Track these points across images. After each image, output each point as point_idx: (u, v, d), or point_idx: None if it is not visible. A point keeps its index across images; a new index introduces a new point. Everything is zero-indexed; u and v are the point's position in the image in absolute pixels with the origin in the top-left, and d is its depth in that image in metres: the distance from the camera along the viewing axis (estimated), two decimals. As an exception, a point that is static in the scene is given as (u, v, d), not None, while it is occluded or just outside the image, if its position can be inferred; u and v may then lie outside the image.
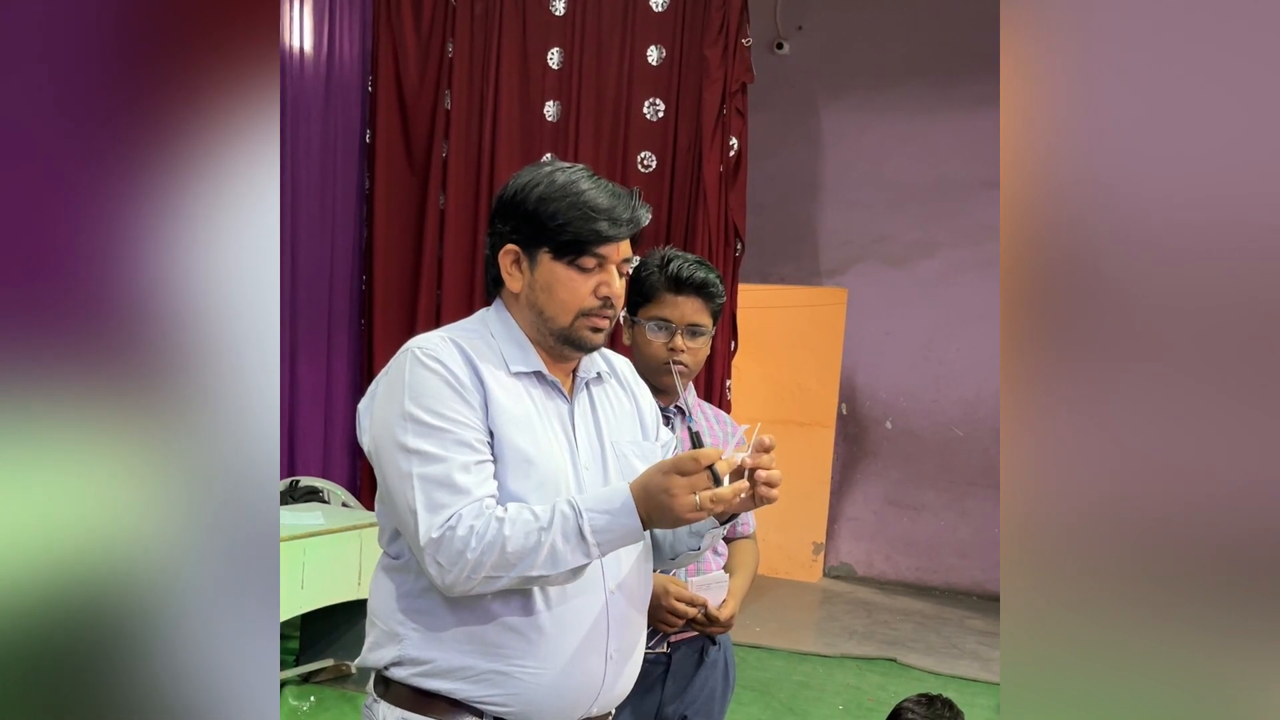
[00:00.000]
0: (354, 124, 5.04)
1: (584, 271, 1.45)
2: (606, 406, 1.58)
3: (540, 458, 1.43)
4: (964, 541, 6.00)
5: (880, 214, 6.04)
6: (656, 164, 4.90)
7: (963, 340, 5.91)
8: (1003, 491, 0.98)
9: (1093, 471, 0.93)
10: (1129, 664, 0.92)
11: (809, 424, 5.99)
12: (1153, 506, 0.91)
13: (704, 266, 1.97)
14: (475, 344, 1.46)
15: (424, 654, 1.42)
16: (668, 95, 4.87)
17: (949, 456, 6.02)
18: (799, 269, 6.21)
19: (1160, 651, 0.91)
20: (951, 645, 4.98)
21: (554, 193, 1.44)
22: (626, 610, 1.49)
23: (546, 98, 5.00)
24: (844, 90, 6.07)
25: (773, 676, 4.41)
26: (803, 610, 5.53)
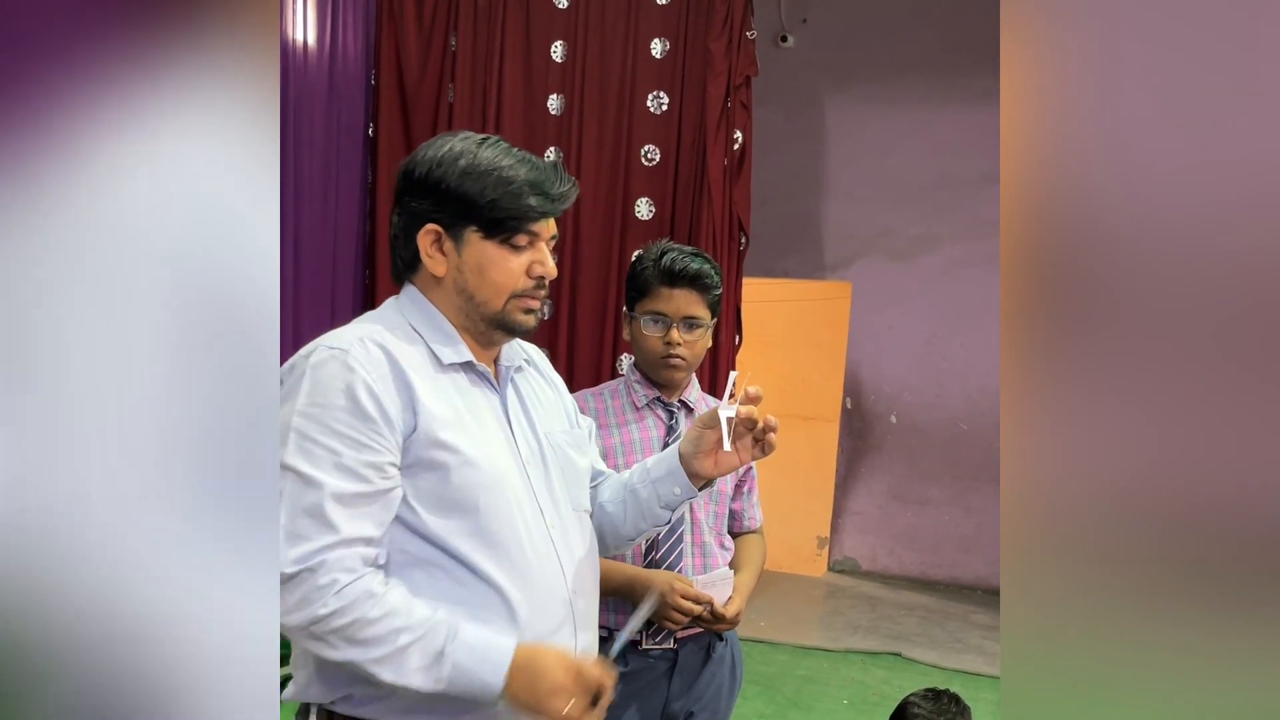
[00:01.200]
0: (357, 118, 5.02)
1: (516, 250, 1.37)
2: (533, 397, 1.50)
3: (482, 458, 1.33)
4: (968, 536, 5.99)
5: (884, 208, 6.03)
6: (660, 157, 4.89)
7: (967, 335, 5.90)
8: (1002, 484, 0.97)
9: (1093, 463, 0.92)
10: (1130, 655, 0.91)
11: (813, 418, 5.98)
12: (1153, 498, 0.90)
13: (699, 258, 1.95)
14: (397, 341, 1.34)
15: (384, 686, 1.27)
16: (672, 88, 4.85)
17: (953, 451, 6.01)
18: (803, 263, 6.20)
19: (1162, 642, 0.90)
20: (956, 640, 4.97)
21: (479, 167, 1.34)
22: (586, 612, 1.44)
23: (550, 91, 4.98)
24: (848, 84, 6.05)
25: (777, 671, 4.41)
26: (807, 604, 5.52)
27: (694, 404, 2.03)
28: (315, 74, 4.65)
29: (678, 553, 1.94)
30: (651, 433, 1.98)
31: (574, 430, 1.55)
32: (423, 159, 1.37)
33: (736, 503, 2.09)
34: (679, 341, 1.93)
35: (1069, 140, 0.93)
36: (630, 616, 1.72)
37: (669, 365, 1.94)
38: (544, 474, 1.43)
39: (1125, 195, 0.91)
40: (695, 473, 1.49)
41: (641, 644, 1.92)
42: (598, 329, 5.02)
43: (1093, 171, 0.92)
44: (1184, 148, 0.89)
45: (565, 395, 1.61)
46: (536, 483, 1.41)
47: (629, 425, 1.98)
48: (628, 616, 1.88)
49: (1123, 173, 0.91)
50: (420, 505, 1.31)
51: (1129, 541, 0.91)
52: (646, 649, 1.93)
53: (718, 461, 1.47)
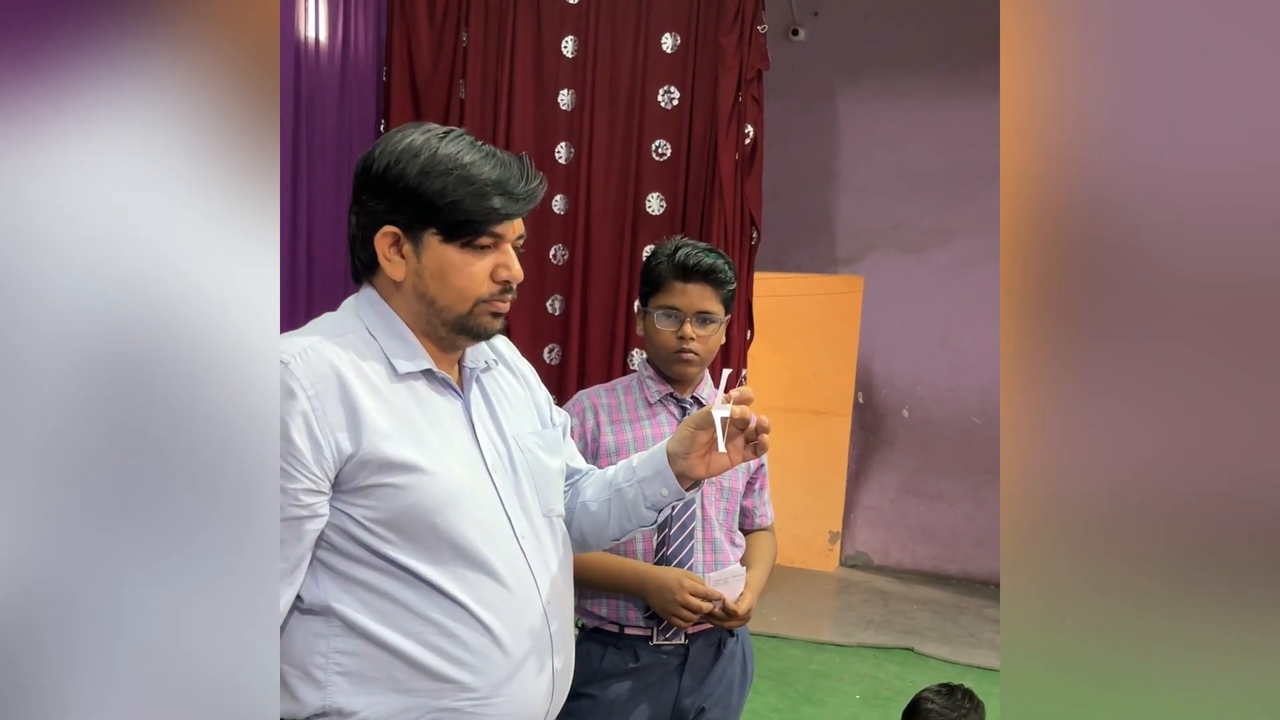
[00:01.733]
0: (369, 115, 5.03)
1: (479, 253, 1.29)
2: (501, 397, 1.43)
3: (441, 472, 1.27)
4: (981, 530, 5.97)
5: (896, 201, 6.01)
6: (671, 152, 4.88)
7: (979, 328, 5.88)
8: (1002, 477, 0.97)
9: (1092, 456, 0.92)
10: (1131, 649, 0.91)
11: (825, 412, 5.97)
12: (1154, 490, 0.90)
13: (713, 253, 1.94)
14: (347, 351, 1.25)
15: (350, 702, 1.25)
16: (683, 83, 4.85)
17: (966, 445, 5.99)
18: (814, 257, 6.18)
19: (1164, 635, 0.90)
20: (969, 635, 4.96)
21: (437, 165, 1.25)
22: (561, 620, 1.40)
23: (561, 86, 4.98)
24: (860, 77, 6.03)
25: (789, 666, 4.41)
26: (819, 599, 5.52)
27: (706, 400, 2.03)
28: (327, 71, 4.66)
29: (688, 549, 1.94)
30: (664, 428, 1.97)
31: (546, 430, 1.49)
32: (380, 153, 1.28)
33: (748, 500, 2.09)
34: (692, 336, 1.93)
35: (1069, 127, 0.93)
36: None
37: (682, 360, 1.94)
38: (513, 480, 1.37)
39: (1125, 185, 0.91)
40: (684, 473, 1.43)
41: (653, 640, 1.93)
42: (609, 324, 5.03)
43: (1092, 161, 0.92)
44: (1186, 134, 0.88)
45: (538, 390, 1.54)
46: (504, 490, 1.35)
47: (641, 422, 1.98)
48: (632, 610, 1.89)
49: (1123, 161, 0.91)
50: (378, 526, 1.25)
51: (1130, 534, 0.90)
52: (657, 645, 1.93)
53: (710, 463, 1.43)
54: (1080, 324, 0.92)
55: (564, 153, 5.01)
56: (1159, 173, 0.89)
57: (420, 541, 1.27)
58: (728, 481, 1.99)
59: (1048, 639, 0.94)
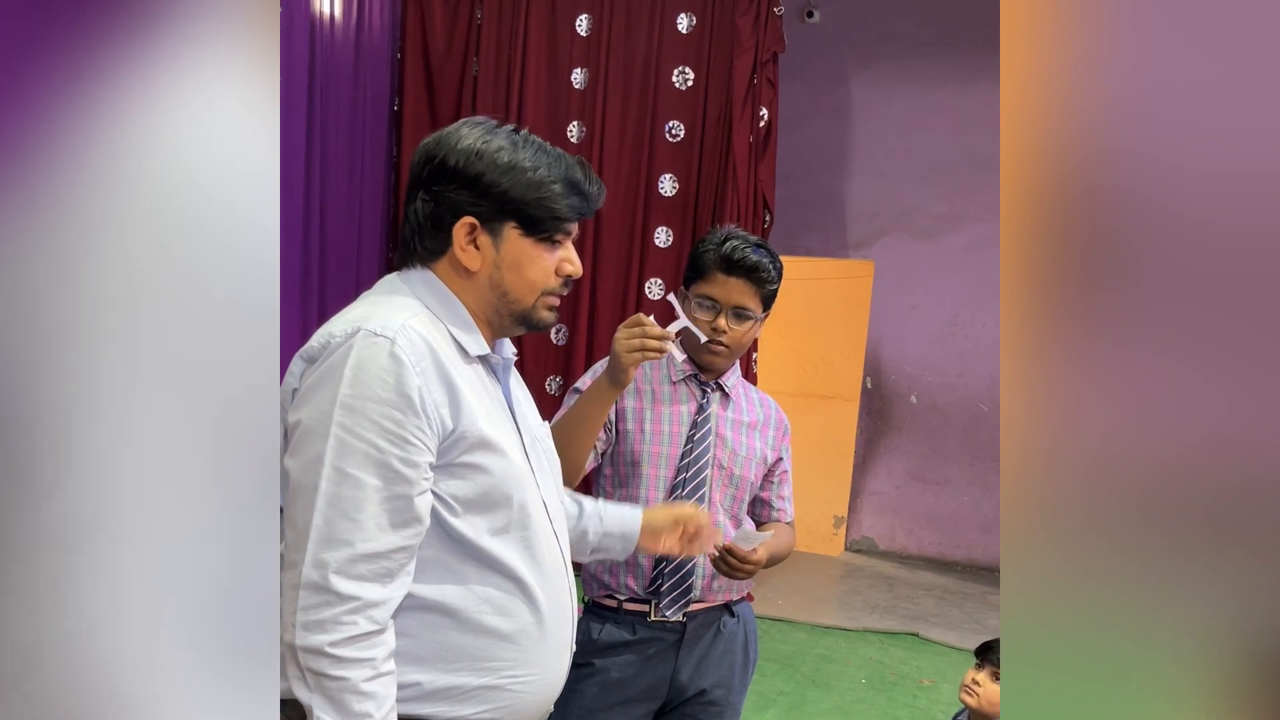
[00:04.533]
0: (383, 92, 5.02)
1: (551, 248, 1.36)
2: (519, 390, 1.50)
3: (513, 453, 1.33)
4: (987, 517, 5.98)
5: (908, 186, 5.99)
6: (685, 133, 4.86)
7: (989, 315, 5.87)
8: (1003, 457, 0.97)
9: (1093, 435, 0.92)
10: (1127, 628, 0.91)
11: (833, 397, 5.97)
12: (1153, 469, 0.90)
13: (761, 249, 1.92)
14: (431, 330, 1.29)
15: (404, 678, 1.26)
16: (697, 64, 4.82)
17: (973, 432, 5.99)
18: (825, 241, 6.17)
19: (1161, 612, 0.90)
20: (974, 621, 4.97)
21: (522, 165, 1.32)
22: (575, 604, 1.45)
23: (574, 65, 4.96)
24: (874, 60, 5.99)
25: (795, 649, 4.42)
26: (825, 584, 5.53)
27: (731, 388, 2.02)
28: (341, 47, 4.64)
29: None
30: (682, 407, 1.98)
31: (544, 424, 1.56)
32: (456, 149, 1.32)
33: (765, 492, 2.09)
34: (725, 329, 1.92)
35: (1068, 111, 0.92)
36: None
37: (711, 351, 1.94)
38: (544, 464, 1.44)
39: (1125, 170, 0.90)
40: (640, 545, 1.66)
41: (651, 616, 1.93)
42: (618, 304, 5.02)
43: (1092, 145, 0.91)
44: (1187, 119, 0.88)
45: None
46: (540, 474, 1.41)
47: (662, 403, 1.98)
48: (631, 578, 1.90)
49: (1123, 146, 0.90)
50: (458, 504, 1.28)
51: (1128, 518, 0.91)
52: (656, 620, 1.93)
53: (663, 545, 1.67)
54: (1080, 307, 0.92)
55: (576, 132, 4.99)
56: (1159, 158, 0.89)
57: (494, 520, 1.30)
58: (738, 470, 1.99)
59: (1047, 619, 0.94)
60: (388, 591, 1.21)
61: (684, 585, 1.93)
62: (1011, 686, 0.96)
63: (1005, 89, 0.95)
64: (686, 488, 1.94)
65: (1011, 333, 0.95)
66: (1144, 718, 0.90)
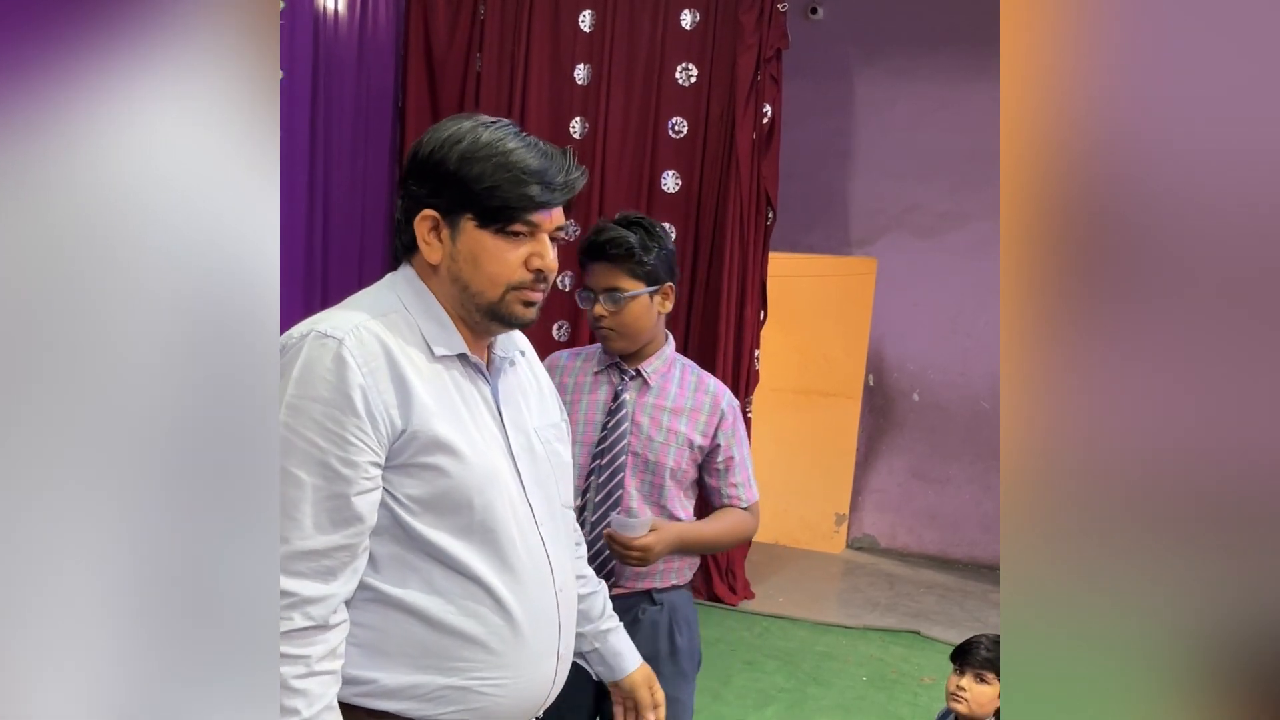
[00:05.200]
0: (387, 86, 5.01)
1: (513, 240, 1.30)
2: (527, 388, 1.47)
3: (476, 454, 1.29)
4: (988, 515, 5.98)
5: (911, 184, 5.97)
6: (688, 130, 4.85)
7: (991, 313, 5.86)
8: (1002, 447, 0.97)
9: (1093, 426, 0.91)
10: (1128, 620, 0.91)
11: (835, 395, 5.96)
12: (1156, 461, 0.89)
13: (615, 229, 1.95)
14: (391, 330, 1.28)
15: (364, 673, 1.27)
16: (701, 60, 4.81)
17: (975, 430, 5.98)
18: (828, 238, 6.16)
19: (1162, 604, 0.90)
20: (975, 619, 4.97)
21: (479, 151, 1.27)
22: (569, 608, 1.43)
23: (577, 60, 4.95)
24: (877, 57, 5.98)
25: (796, 647, 4.42)
26: (825, 581, 5.53)
27: (652, 374, 2.03)
28: (345, 41, 4.63)
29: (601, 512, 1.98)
30: (599, 395, 2.02)
31: (560, 424, 1.53)
32: (429, 140, 1.31)
33: (714, 480, 2.08)
34: (602, 313, 1.96)
35: (1068, 102, 0.91)
36: None
37: (602, 337, 2.00)
38: (534, 467, 1.40)
39: (1125, 161, 0.89)
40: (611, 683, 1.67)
41: None
42: (622, 302, 5.02)
43: (1092, 136, 0.90)
44: (1188, 108, 0.87)
45: (551, 390, 1.57)
46: (527, 477, 1.38)
47: (582, 396, 2.03)
48: None
49: (1123, 137, 0.89)
50: (415, 504, 1.27)
51: (1130, 505, 0.90)
52: None
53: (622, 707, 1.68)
54: (1080, 297, 0.91)
55: (579, 128, 4.98)
56: (1159, 151, 0.88)
57: (454, 521, 1.29)
58: (654, 456, 1.99)
59: (1048, 617, 0.94)
60: (329, 589, 1.21)
61: (604, 571, 1.94)
62: (1012, 685, 0.96)
63: (1005, 80, 0.94)
64: (602, 474, 1.98)
65: (1011, 328, 0.95)
66: (1143, 715, 0.90)
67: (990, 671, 2.53)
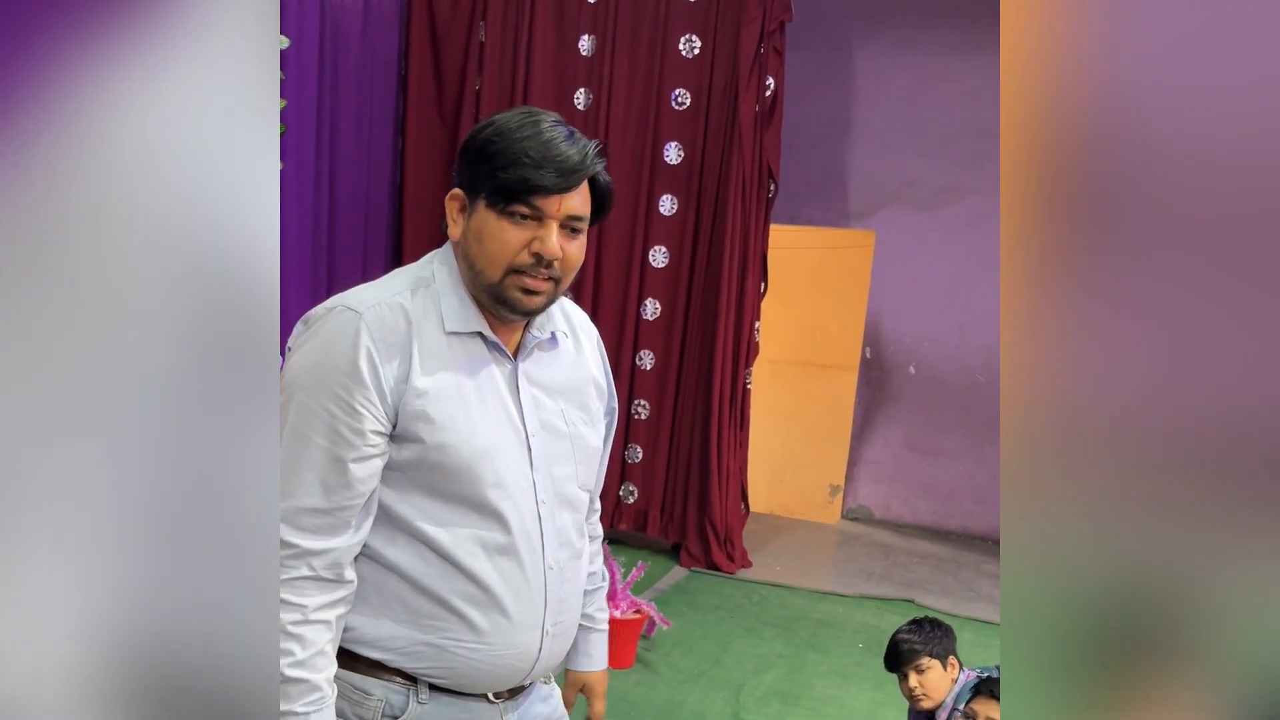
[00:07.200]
0: (390, 56, 5.00)
1: (517, 222, 1.32)
2: (561, 369, 1.48)
3: (465, 425, 1.33)
4: (981, 487, 6.05)
5: (911, 157, 5.99)
6: (691, 102, 4.86)
7: (988, 287, 5.90)
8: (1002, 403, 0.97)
9: (1094, 377, 0.92)
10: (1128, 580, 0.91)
11: (831, 366, 6.01)
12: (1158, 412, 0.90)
13: None
14: (418, 303, 1.35)
15: (350, 620, 1.36)
16: (705, 32, 4.81)
17: (970, 403, 6.05)
18: (827, 211, 6.18)
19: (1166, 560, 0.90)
20: (967, 588, 5.05)
21: (502, 136, 1.32)
22: (561, 586, 1.44)
23: (581, 32, 4.94)
24: (879, 30, 5.98)
25: (794, 614, 4.50)
26: (821, 551, 5.61)
27: None
28: (350, 10, 4.62)
29: None
30: None
31: (594, 408, 1.53)
32: (477, 125, 1.39)
33: None
34: None
35: (1068, 55, 0.92)
36: None
37: None
38: (548, 446, 1.43)
39: (1121, 110, 0.90)
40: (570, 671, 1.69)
41: None
42: (622, 274, 5.04)
43: (1092, 85, 0.91)
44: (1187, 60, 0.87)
45: (596, 375, 1.56)
46: (538, 455, 1.41)
47: None
48: None
49: (1121, 86, 0.90)
50: (399, 470, 1.34)
51: (1133, 456, 0.90)
52: None
53: None
54: (1079, 247, 0.92)
55: (583, 99, 4.99)
56: (1160, 116, 0.88)
57: (436, 490, 1.35)
58: None
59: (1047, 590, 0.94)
60: (333, 543, 1.30)
61: None
62: (1011, 661, 0.96)
63: (1005, 54, 0.95)
64: None
65: (1011, 287, 0.95)
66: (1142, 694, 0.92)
67: (922, 658, 2.58)
